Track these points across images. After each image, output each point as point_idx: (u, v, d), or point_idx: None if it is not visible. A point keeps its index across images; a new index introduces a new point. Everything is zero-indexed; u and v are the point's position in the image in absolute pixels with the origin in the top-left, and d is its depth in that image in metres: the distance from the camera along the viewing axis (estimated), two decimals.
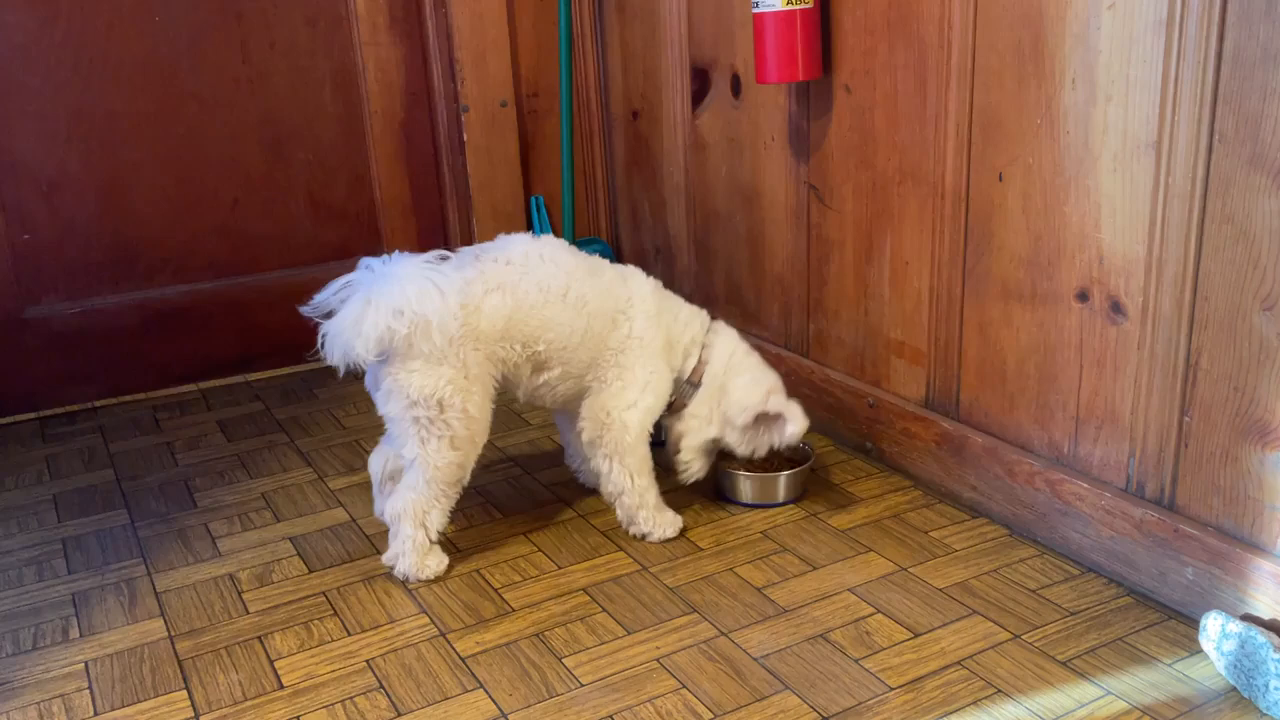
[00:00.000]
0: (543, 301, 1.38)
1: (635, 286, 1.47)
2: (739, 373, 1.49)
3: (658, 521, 1.47)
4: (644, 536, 1.47)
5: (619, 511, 1.49)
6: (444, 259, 1.36)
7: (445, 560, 1.42)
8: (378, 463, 1.48)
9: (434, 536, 1.39)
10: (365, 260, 1.33)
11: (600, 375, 1.44)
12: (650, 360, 1.45)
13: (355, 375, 1.37)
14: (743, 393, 1.47)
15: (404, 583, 1.40)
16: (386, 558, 1.41)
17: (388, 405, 1.36)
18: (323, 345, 1.31)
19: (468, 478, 1.40)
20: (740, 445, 1.50)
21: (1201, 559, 1.22)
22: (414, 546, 1.38)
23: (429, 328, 1.28)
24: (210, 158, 2.07)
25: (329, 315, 1.31)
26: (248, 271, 2.15)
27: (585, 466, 1.60)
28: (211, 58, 2.03)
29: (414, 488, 1.37)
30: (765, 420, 1.47)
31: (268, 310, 2.17)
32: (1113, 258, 1.27)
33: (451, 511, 1.41)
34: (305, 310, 1.31)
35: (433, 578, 1.40)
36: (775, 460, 1.58)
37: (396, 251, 1.33)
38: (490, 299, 1.36)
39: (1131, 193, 1.23)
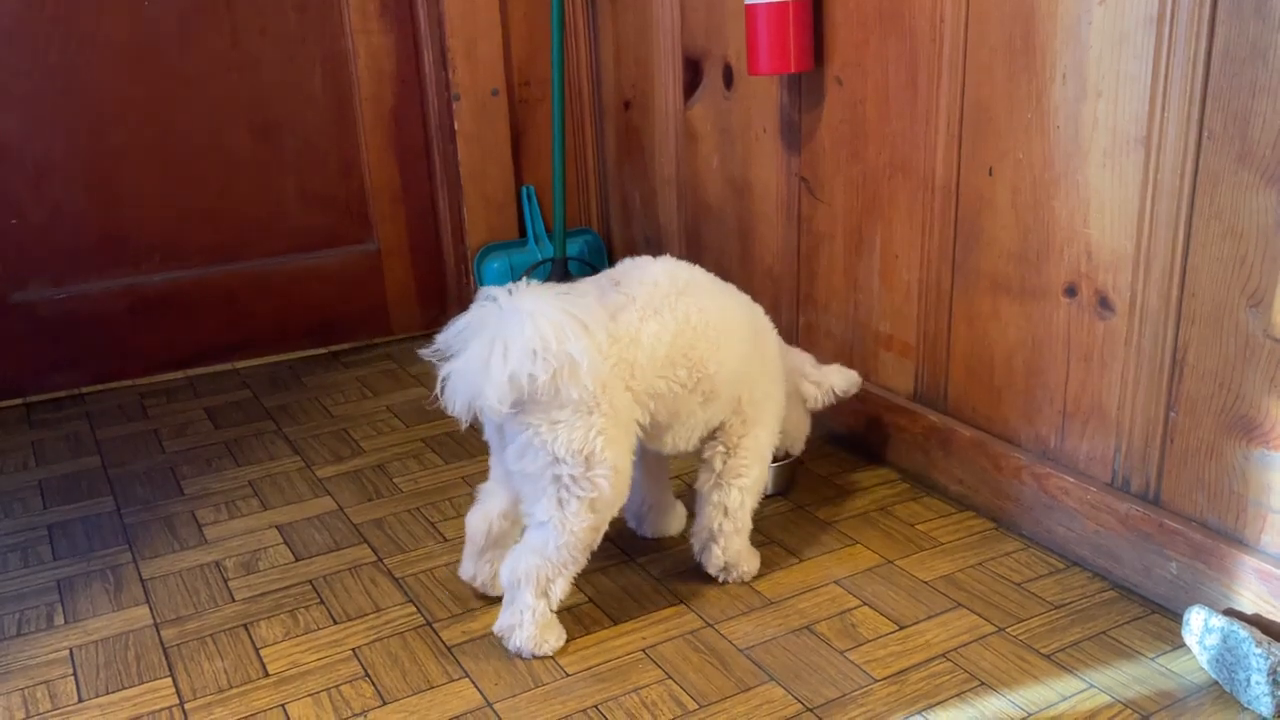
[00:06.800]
0: (704, 323, 1.24)
1: (757, 311, 1.37)
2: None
3: (750, 558, 1.37)
4: (738, 578, 1.36)
5: (717, 556, 1.34)
6: (576, 288, 1.21)
7: (564, 634, 1.24)
8: (479, 523, 1.29)
9: (554, 606, 1.22)
10: (487, 291, 1.14)
11: (743, 409, 1.31)
12: (780, 400, 1.36)
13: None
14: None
15: (516, 655, 1.23)
16: (499, 627, 1.23)
17: (522, 461, 1.17)
18: (443, 392, 1.13)
19: (598, 541, 1.22)
20: None
21: (1185, 554, 1.22)
22: (534, 618, 1.20)
23: (577, 370, 1.10)
24: (199, 143, 2.06)
25: (449, 358, 1.13)
26: (236, 258, 2.14)
27: (651, 515, 1.45)
28: (201, 42, 2.01)
29: (541, 552, 1.18)
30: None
31: (256, 297, 2.16)
32: (1101, 253, 1.27)
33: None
34: (425, 354, 1.15)
35: (551, 654, 1.23)
36: None
37: (524, 280, 1.16)
38: (649, 326, 1.20)
39: (1120, 188, 1.23)
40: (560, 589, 1.21)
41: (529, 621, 1.20)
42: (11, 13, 1.88)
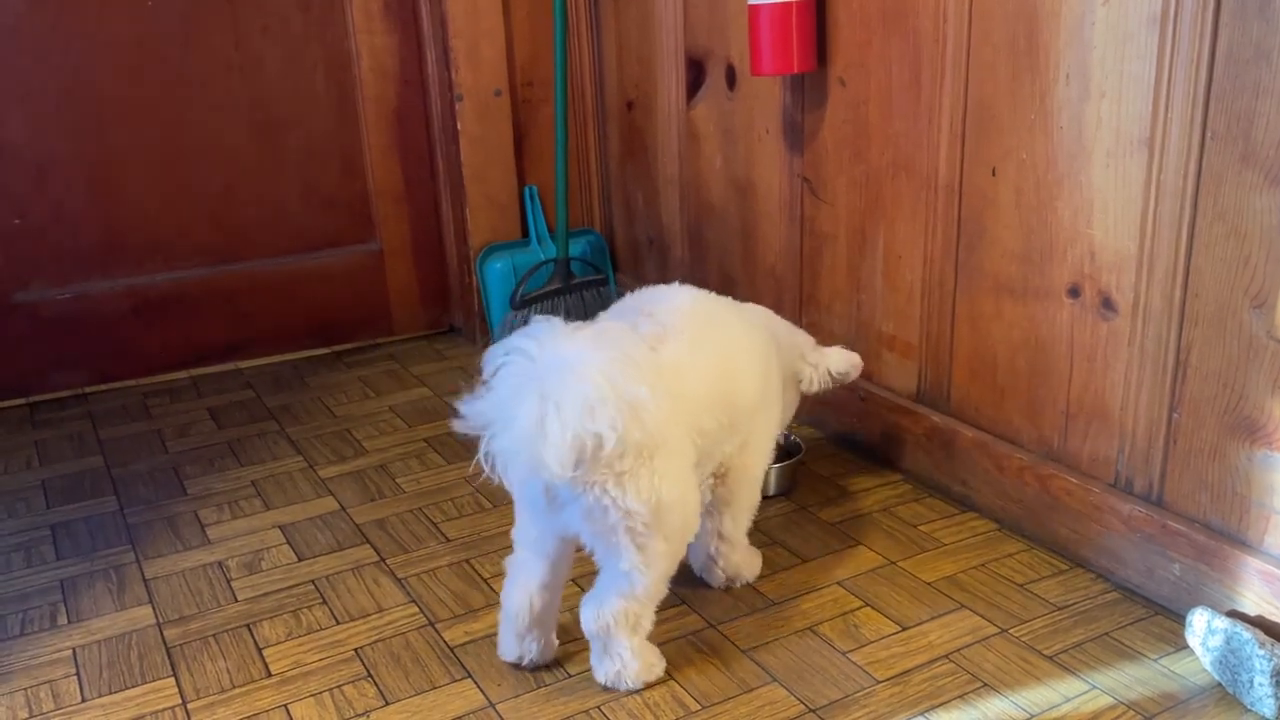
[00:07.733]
0: (736, 364, 1.23)
1: (767, 331, 1.34)
2: None
3: (751, 562, 1.37)
4: (742, 583, 1.36)
5: (718, 574, 1.34)
6: (604, 321, 1.15)
7: (661, 655, 1.20)
8: (520, 600, 1.16)
9: (646, 635, 1.17)
10: (511, 344, 1.03)
11: (747, 438, 1.28)
12: (778, 417, 1.35)
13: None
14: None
15: (612, 689, 1.17)
16: (605, 679, 1.16)
17: (592, 523, 1.07)
18: (493, 468, 1.03)
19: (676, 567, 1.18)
20: None
21: (1189, 555, 1.22)
22: (635, 653, 1.15)
23: (640, 412, 1.01)
24: (201, 143, 2.06)
25: (490, 428, 1.03)
26: (238, 258, 2.14)
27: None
28: (203, 42, 2.01)
29: (627, 595, 1.12)
30: None
31: (258, 297, 2.17)
32: (1104, 254, 1.27)
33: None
34: (462, 428, 1.03)
35: (660, 677, 1.18)
36: None
37: (538, 316, 1.06)
38: (694, 361, 1.16)
39: (1124, 189, 1.23)
40: (649, 620, 1.16)
41: (631, 659, 1.15)
42: (14, 12, 1.88)
